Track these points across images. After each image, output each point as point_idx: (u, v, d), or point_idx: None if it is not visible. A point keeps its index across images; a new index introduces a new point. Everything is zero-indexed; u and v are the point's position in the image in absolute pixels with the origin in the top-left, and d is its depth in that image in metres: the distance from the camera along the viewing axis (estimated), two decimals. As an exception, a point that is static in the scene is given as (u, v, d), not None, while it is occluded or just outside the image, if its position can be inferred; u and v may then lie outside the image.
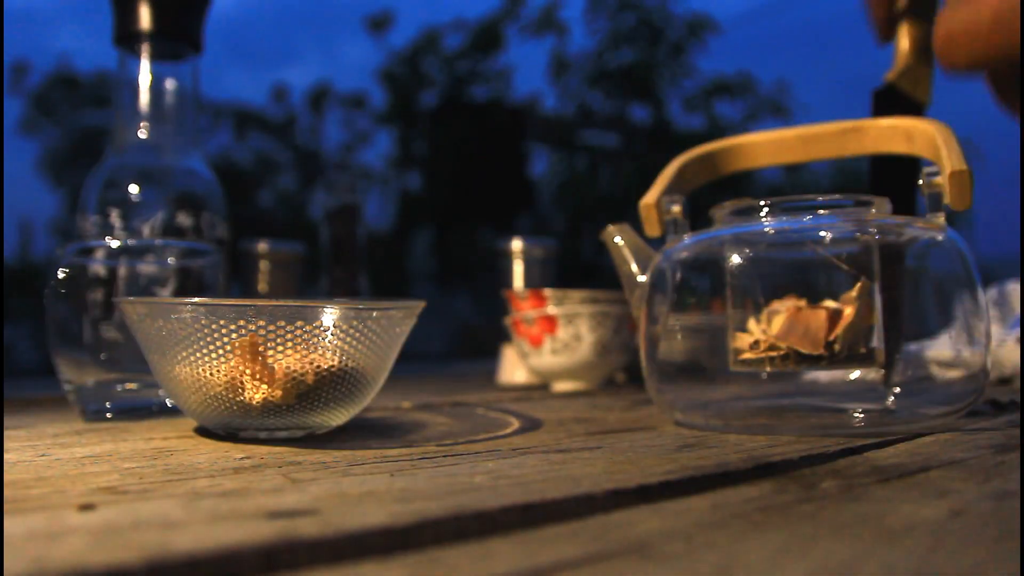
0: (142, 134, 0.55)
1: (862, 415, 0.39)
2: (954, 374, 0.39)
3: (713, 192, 0.48)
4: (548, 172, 6.11)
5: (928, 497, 0.23)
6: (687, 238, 0.42)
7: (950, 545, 0.18)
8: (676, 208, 0.43)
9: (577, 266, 4.79)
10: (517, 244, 0.84)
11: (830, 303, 0.38)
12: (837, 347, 0.37)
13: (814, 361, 0.37)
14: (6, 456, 0.31)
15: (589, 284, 0.72)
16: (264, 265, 0.85)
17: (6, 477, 0.26)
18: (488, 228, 5.42)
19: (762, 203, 0.40)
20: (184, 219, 0.53)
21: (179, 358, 0.34)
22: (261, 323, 0.33)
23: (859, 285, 0.38)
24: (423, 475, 0.27)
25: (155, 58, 0.55)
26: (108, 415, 0.44)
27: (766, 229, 0.40)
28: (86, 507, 0.22)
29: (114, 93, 0.57)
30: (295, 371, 0.34)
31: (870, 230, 0.39)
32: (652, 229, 0.44)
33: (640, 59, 5.74)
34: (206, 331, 0.33)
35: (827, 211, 0.39)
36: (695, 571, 0.17)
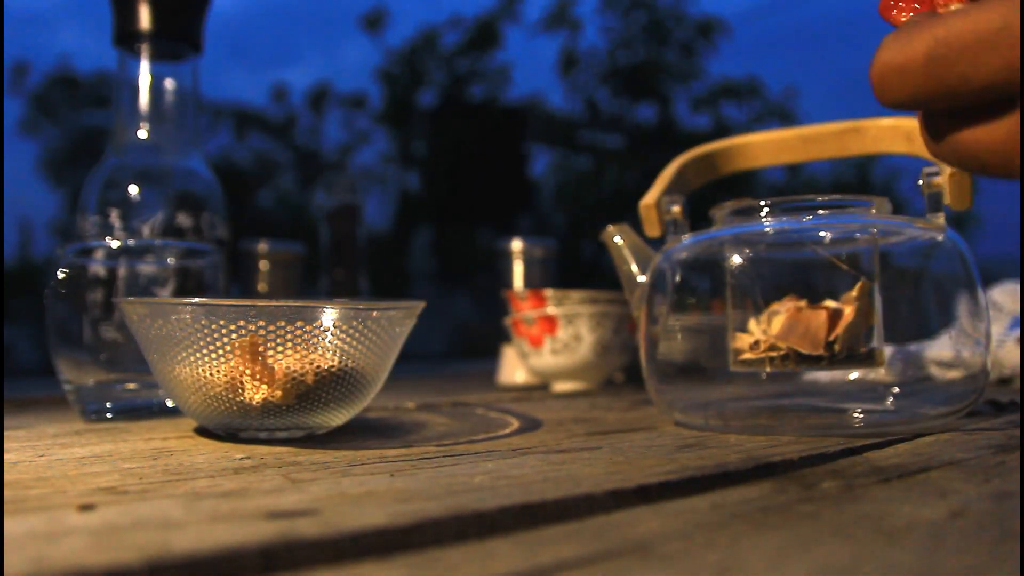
0: (142, 134, 0.55)
1: (862, 415, 0.39)
2: (954, 374, 0.39)
3: (713, 192, 0.48)
4: (549, 172, 6.10)
5: (928, 497, 0.23)
6: (687, 238, 0.42)
7: (950, 545, 0.18)
8: (676, 208, 0.43)
9: (577, 266, 4.79)
10: (517, 244, 0.84)
11: (830, 303, 0.38)
12: (837, 347, 0.37)
13: (814, 361, 0.37)
14: (6, 456, 0.31)
15: (589, 284, 0.72)
16: (264, 265, 0.85)
17: (6, 477, 0.26)
18: (488, 228, 5.42)
19: (762, 203, 0.40)
20: (184, 219, 0.53)
21: (179, 358, 0.34)
22: (261, 323, 0.33)
23: (859, 285, 0.38)
24: (423, 475, 0.27)
25: (155, 58, 0.55)
26: (108, 415, 0.44)
27: (766, 229, 0.40)
28: (86, 507, 0.22)
29: (114, 93, 0.57)
30: (295, 371, 0.34)
31: (870, 230, 0.39)
32: (652, 229, 0.44)
33: (649, 58, 5.73)
34: (206, 331, 0.33)
35: (827, 211, 0.39)
36: (695, 571, 0.17)
